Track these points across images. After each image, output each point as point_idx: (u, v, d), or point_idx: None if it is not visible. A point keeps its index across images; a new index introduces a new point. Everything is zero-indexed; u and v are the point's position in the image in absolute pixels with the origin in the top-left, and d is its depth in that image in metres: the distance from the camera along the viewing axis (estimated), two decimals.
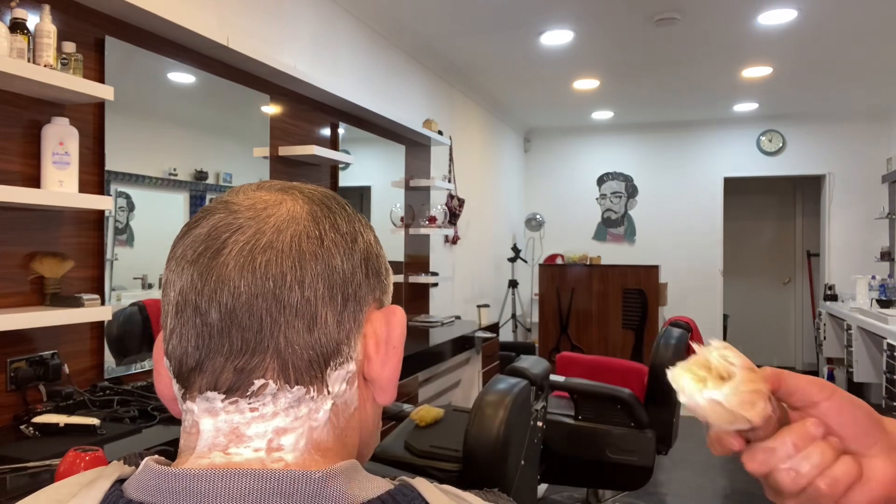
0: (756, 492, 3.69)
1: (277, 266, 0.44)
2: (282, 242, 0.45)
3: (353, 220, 0.50)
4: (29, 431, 1.58)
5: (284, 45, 2.95)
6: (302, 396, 0.44)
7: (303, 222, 0.46)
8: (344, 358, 0.46)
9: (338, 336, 0.46)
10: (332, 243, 0.47)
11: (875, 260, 5.97)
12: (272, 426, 0.44)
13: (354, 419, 0.49)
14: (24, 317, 1.64)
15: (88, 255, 1.99)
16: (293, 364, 0.44)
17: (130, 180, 2.14)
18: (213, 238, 0.45)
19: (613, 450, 2.76)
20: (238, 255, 0.44)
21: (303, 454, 0.44)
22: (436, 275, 4.40)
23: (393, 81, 4.09)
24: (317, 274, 0.45)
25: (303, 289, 0.44)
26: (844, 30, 3.91)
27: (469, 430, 1.77)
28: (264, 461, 0.43)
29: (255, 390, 0.43)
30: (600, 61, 4.66)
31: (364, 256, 0.49)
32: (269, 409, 0.44)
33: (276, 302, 0.44)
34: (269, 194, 0.48)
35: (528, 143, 7.33)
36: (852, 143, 6.27)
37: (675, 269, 6.56)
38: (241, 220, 0.46)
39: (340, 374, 0.46)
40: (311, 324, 0.44)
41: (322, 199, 0.49)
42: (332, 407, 0.46)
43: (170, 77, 2.35)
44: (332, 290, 0.45)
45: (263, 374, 0.43)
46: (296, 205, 0.47)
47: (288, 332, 0.44)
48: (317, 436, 0.45)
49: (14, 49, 1.61)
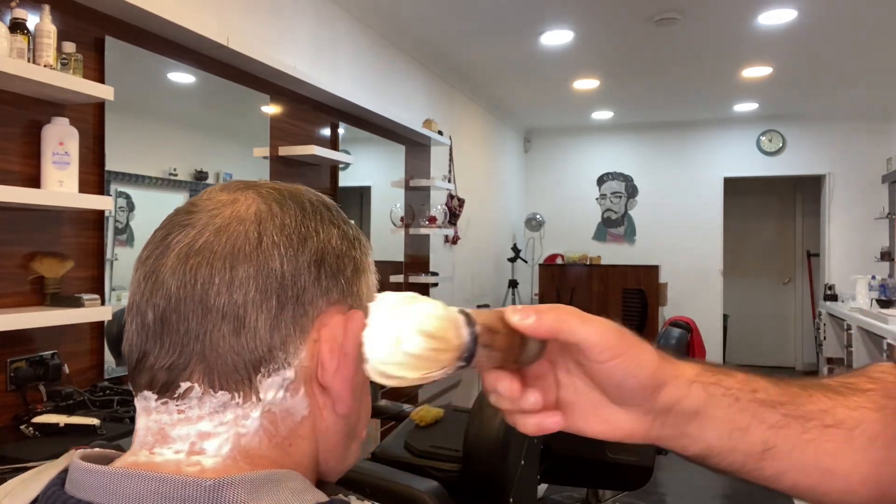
0: (756, 492, 3.68)
1: (207, 268, 0.44)
2: (219, 244, 0.44)
3: (311, 220, 0.48)
4: (29, 431, 1.58)
5: (284, 45, 2.95)
6: (227, 402, 0.43)
7: (246, 223, 0.46)
8: (279, 364, 0.44)
9: (270, 341, 0.44)
10: (272, 244, 0.45)
11: (875, 260, 5.97)
12: (196, 430, 0.43)
13: (304, 428, 0.47)
14: (24, 317, 1.64)
15: (88, 255, 1.99)
16: (218, 368, 0.43)
17: (130, 180, 2.14)
18: (163, 239, 0.46)
19: (613, 450, 2.76)
20: (176, 256, 0.44)
21: (225, 460, 0.43)
22: (436, 275, 4.40)
23: (393, 81, 4.09)
24: (248, 276, 0.44)
25: (231, 291, 0.43)
26: (844, 30, 3.91)
27: (469, 430, 1.77)
28: (180, 464, 0.43)
29: (181, 392, 0.43)
30: (600, 61, 4.66)
31: (316, 257, 0.47)
32: (195, 412, 0.43)
33: (202, 305, 0.43)
34: (226, 194, 0.48)
35: (528, 143, 7.32)
36: (852, 143, 6.27)
37: (675, 269, 6.56)
38: (192, 221, 0.46)
39: (275, 380, 0.44)
40: (238, 328, 0.43)
41: (279, 198, 0.48)
42: (267, 414, 0.44)
43: (170, 77, 2.35)
44: (264, 293, 0.44)
45: (189, 376, 0.43)
46: (245, 204, 0.47)
47: (214, 335, 0.43)
48: (245, 442, 0.44)
49: (14, 49, 1.61)
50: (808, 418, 0.47)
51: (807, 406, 0.48)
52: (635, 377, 0.46)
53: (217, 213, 0.46)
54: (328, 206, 0.51)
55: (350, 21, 3.55)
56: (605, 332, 0.46)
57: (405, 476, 1.64)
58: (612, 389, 0.48)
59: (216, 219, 0.45)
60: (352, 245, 0.50)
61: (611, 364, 0.46)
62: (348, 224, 0.52)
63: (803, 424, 0.47)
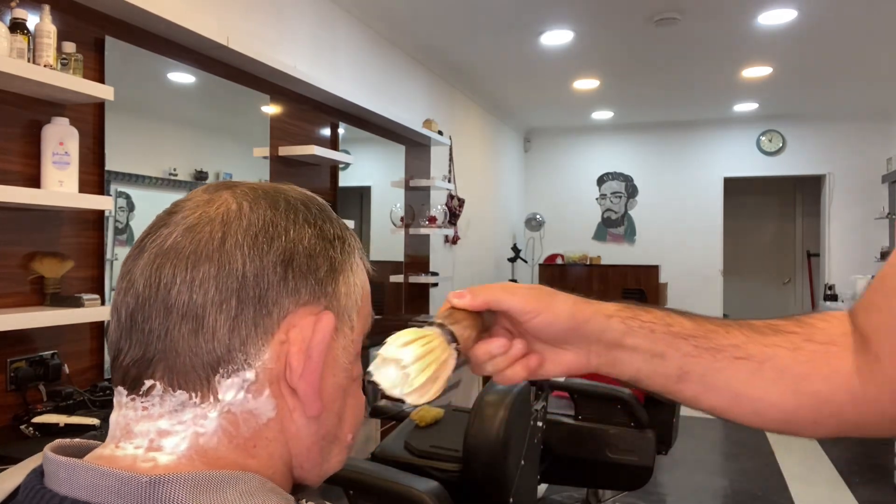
0: (756, 492, 3.69)
1: (171, 268, 0.44)
2: (185, 244, 0.45)
3: (282, 219, 0.47)
4: (29, 431, 1.59)
5: (284, 45, 2.95)
6: (186, 401, 0.44)
7: (214, 223, 0.46)
8: (238, 365, 0.44)
9: (229, 342, 0.44)
10: (235, 244, 0.45)
11: (875, 260, 5.97)
12: (156, 427, 0.44)
13: (271, 430, 0.46)
14: (24, 317, 1.64)
15: (88, 255, 1.99)
16: (177, 368, 0.44)
17: (130, 180, 2.14)
18: (141, 240, 0.47)
19: (613, 450, 2.76)
20: (147, 256, 0.45)
21: (181, 458, 0.43)
22: (436, 275, 4.40)
23: (393, 81, 4.09)
24: (209, 276, 0.44)
25: (191, 291, 0.44)
26: (844, 30, 3.91)
27: (469, 430, 1.77)
28: (136, 459, 0.43)
29: (145, 390, 0.44)
30: (600, 61, 4.66)
31: (284, 257, 0.46)
32: (157, 409, 0.44)
33: (164, 304, 0.44)
34: (204, 194, 0.48)
35: (528, 143, 7.33)
36: (852, 143, 6.27)
37: (675, 269, 6.56)
38: (168, 221, 0.47)
39: (234, 381, 0.44)
40: (196, 328, 0.44)
41: (251, 197, 0.48)
42: (226, 415, 0.44)
43: (170, 77, 2.35)
44: (224, 294, 0.44)
45: (152, 374, 0.44)
46: (216, 205, 0.47)
47: (174, 335, 0.44)
48: (203, 442, 0.44)
49: (14, 49, 1.61)
50: (719, 350, 0.55)
51: (719, 340, 0.56)
52: (556, 324, 0.57)
53: (191, 214, 0.46)
54: (308, 205, 0.50)
55: (350, 21, 3.55)
56: (526, 298, 0.57)
57: (405, 476, 1.64)
58: (547, 337, 0.59)
59: (188, 219, 0.46)
60: (329, 244, 0.49)
61: (535, 321, 0.57)
62: (330, 222, 0.51)
63: (714, 355, 0.55)
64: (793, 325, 0.57)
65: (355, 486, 1.64)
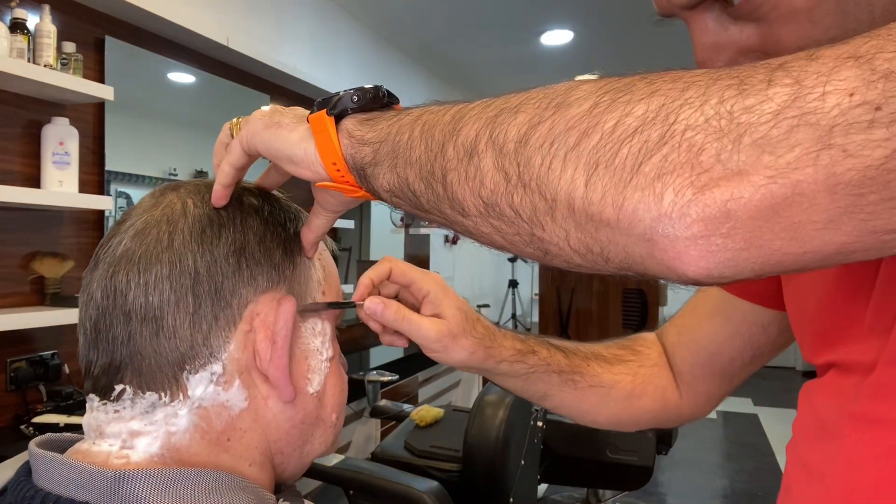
0: (756, 492, 3.69)
1: (124, 274, 0.45)
2: (135, 249, 0.45)
3: (228, 210, 0.48)
4: (29, 431, 1.59)
5: (284, 45, 2.95)
6: (156, 402, 0.44)
7: (161, 224, 0.46)
8: (204, 360, 0.45)
9: (191, 338, 0.44)
10: (183, 242, 0.45)
11: None
12: (127, 428, 0.45)
13: (244, 421, 0.47)
14: (24, 317, 1.64)
15: (88, 256, 1.97)
16: (144, 370, 0.44)
17: (130, 180, 2.14)
18: (97, 252, 0.48)
19: (613, 450, 2.76)
20: (102, 267, 0.46)
21: (153, 457, 0.44)
22: None
23: (393, 81, 4.09)
24: (161, 277, 0.44)
25: (147, 294, 0.44)
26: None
27: (469, 430, 1.77)
28: (110, 455, 0.44)
29: (116, 395, 0.45)
30: (600, 61, 4.66)
31: (236, 247, 0.46)
32: (128, 412, 0.45)
33: (123, 311, 0.44)
34: (150, 199, 0.49)
35: None
36: None
37: None
38: (118, 230, 0.47)
39: (202, 376, 0.45)
40: (157, 329, 0.44)
41: (195, 193, 0.48)
42: (197, 410, 0.45)
43: (170, 77, 2.35)
44: (179, 292, 0.44)
45: (122, 379, 0.45)
46: (162, 206, 0.47)
47: (136, 339, 0.44)
48: (176, 441, 0.45)
49: (14, 49, 1.61)
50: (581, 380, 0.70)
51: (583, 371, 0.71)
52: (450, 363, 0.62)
53: (138, 219, 0.47)
54: (253, 193, 0.51)
55: (350, 21, 3.55)
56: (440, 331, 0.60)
57: (405, 476, 1.64)
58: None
59: (136, 224, 0.46)
60: (281, 227, 0.50)
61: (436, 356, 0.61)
62: (279, 206, 0.51)
63: (575, 385, 0.70)
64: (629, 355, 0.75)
65: (355, 486, 1.64)
